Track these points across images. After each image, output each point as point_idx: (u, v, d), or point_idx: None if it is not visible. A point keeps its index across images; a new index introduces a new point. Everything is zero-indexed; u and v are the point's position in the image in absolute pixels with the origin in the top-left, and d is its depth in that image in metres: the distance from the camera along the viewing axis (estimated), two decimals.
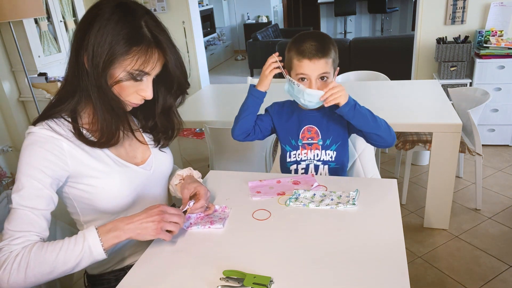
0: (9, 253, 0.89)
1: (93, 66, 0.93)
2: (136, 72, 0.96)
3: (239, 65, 7.32)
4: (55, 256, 0.90)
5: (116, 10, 0.93)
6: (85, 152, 1.01)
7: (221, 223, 1.11)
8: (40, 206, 0.94)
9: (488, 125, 3.15)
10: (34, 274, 0.89)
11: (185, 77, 1.07)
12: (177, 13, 3.97)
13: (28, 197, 0.93)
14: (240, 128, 1.46)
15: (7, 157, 3.26)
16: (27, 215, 0.92)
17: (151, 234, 0.96)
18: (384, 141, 1.34)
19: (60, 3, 3.45)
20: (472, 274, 1.95)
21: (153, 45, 0.96)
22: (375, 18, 7.52)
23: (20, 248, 0.90)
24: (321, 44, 1.31)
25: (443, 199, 2.21)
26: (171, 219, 0.99)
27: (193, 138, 4.04)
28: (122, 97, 1.00)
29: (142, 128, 1.20)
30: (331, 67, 1.33)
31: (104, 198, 1.05)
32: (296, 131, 1.46)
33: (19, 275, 0.88)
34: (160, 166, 1.19)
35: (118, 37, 0.91)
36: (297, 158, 1.47)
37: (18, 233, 0.91)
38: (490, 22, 3.13)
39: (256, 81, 1.29)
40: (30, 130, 0.98)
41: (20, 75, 3.25)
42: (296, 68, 1.33)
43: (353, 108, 1.28)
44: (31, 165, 0.94)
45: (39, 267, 0.89)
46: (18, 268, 0.88)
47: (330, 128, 1.43)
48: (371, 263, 0.92)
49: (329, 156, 1.44)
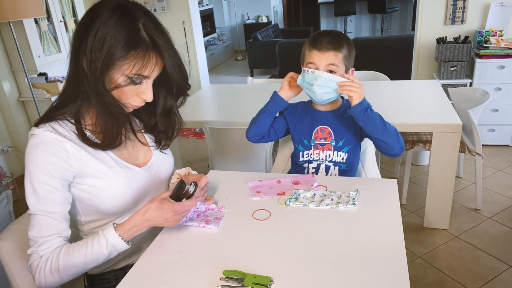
0: (39, 258, 0.96)
1: (91, 70, 0.92)
2: (135, 76, 0.96)
3: (239, 65, 7.32)
4: (83, 257, 0.97)
5: (114, 13, 0.92)
6: (88, 154, 1.02)
7: (216, 225, 1.11)
8: (56, 209, 0.97)
9: (488, 125, 3.15)
10: (67, 274, 0.97)
11: (185, 79, 1.07)
12: (177, 13, 3.97)
13: (44, 201, 0.96)
14: (256, 130, 1.49)
15: (7, 157, 3.26)
16: (46, 220, 0.96)
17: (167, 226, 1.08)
18: (391, 149, 1.34)
19: (60, 3, 3.46)
20: (472, 274, 1.95)
21: (151, 48, 0.95)
22: (375, 18, 7.52)
23: (49, 253, 0.97)
24: (334, 38, 1.33)
25: (443, 199, 2.21)
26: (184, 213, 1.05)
27: (193, 138, 4.04)
28: (122, 100, 1.00)
29: (145, 128, 1.20)
30: (341, 62, 1.33)
31: (106, 199, 1.05)
32: (309, 131, 1.47)
33: (54, 278, 0.96)
34: (161, 167, 1.20)
35: (115, 41, 0.90)
36: (310, 158, 1.47)
37: (41, 239, 0.96)
38: (490, 22, 3.13)
39: (256, 81, 1.31)
40: (33, 132, 0.98)
41: (20, 75, 3.25)
42: (306, 58, 1.36)
43: (364, 111, 1.29)
44: (38, 170, 0.95)
45: (70, 269, 0.97)
46: (51, 271, 0.95)
47: (343, 130, 1.44)
48: (371, 263, 0.92)
49: (341, 158, 1.44)
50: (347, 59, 1.35)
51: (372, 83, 2.82)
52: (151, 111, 1.16)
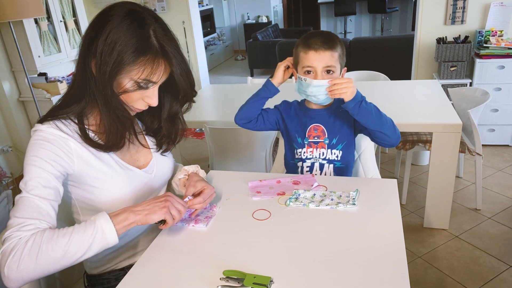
0: (18, 239, 0.86)
1: (100, 73, 0.93)
2: (143, 82, 0.97)
3: (239, 65, 7.31)
4: (67, 239, 0.88)
5: (126, 18, 0.92)
6: (91, 153, 1.02)
7: (205, 223, 1.12)
8: (48, 196, 0.93)
9: (488, 125, 3.15)
10: (46, 259, 0.85)
11: (191, 86, 1.07)
12: (177, 13, 3.97)
13: (37, 186, 0.92)
14: (244, 113, 1.49)
15: (7, 157, 3.26)
16: (36, 203, 0.91)
17: (158, 213, 0.98)
18: (389, 139, 1.34)
19: (60, 3, 3.45)
20: (472, 274, 1.95)
21: (160, 55, 0.95)
22: (375, 18, 7.52)
23: (30, 235, 0.87)
24: (328, 38, 1.32)
25: (443, 199, 2.21)
26: (176, 204, 1.01)
27: (193, 138, 4.04)
28: (128, 103, 1.01)
29: (146, 130, 1.20)
30: (337, 62, 1.33)
31: (105, 200, 1.06)
32: (302, 129, 1.47)
33: (30, 261, 0.84)
34: (161, 169, 1.20)
35: (126, 46, 0.91)
36: (303, 156, 1.47)
37: (28, 220, 0.88)
38: (490, 22, 3.13)
39: (256, 81, 1.31)
40: (37, 128, 0.98)
41: (20, 75, 3.25)
42: (302, 61, 1.34)
43: (359, 105, 1.28)
44: (39, 157, 0.94)
45: (51, 251, 0.86)
46: (29, 253, 0.84)
47: (337, 127, 1.44)
48: (371, 263, 0.92)
49: (335, 155, 1.44)
50: (341, 57, 1.35)
51: (372, 83, 2.82)
52: (155, 114, 1.16)
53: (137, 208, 0.98)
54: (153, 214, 0.97)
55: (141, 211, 0.97)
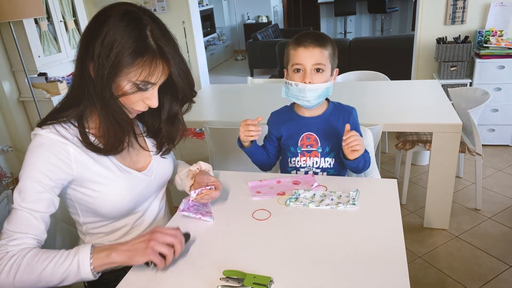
0: (6, 253, 0.90)
1: (98, 76, 0.92)
2: (141, 83, 0.96)
3: (239, 65, 7.32)
4: (44, 267, 0.89)
5: (122, 19, 0.91)
6: (90, 157, 1.02)
7: (211, 218, 1.14)
8: (40, 208, 0.94)
9: (488, 125, 3.15)
10: (22, 280, 0.88)
11: (191, 86, 1.06)
12: (177, 13, 3.97)
13: (29, 199, 0.93)
14: (259, 166, 1.55)
15: (7, 157, 3.26)
16: (27, 217, 0.93)
17: (141, 255, 0.91)
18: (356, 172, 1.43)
19: (60, 3, 3.46)
20: (472, 274, 1.95)
21: (158, 56, 0.94)
22: (375, 18, 7.52)
23: (17, 250, 0.91)
24: (319, 36, 1.32)
25: (443, 199, 2.21)
26: (163, 239, 0.93)
27: (193, 138, 4.04)
28: (127, 105, 1.00)
29: (147, 131, 1.20)
30: (327, 60, 1.31)
31: (105, 203, 1.06)
32: (295, 138, 1.45)
33: (9, 278, 0.88)
34: (160, 172, 1.20)
35: (123, 48, 0.90)
36: (297, 165, 1.46)
37: (16, 234, 0.92)
38: (490, 22, 3.13)
39: (256, 81, 1.30)
40: (37, 132, 0.97)
41: (20, 75, 3.25)
42: (292, 58, 1.33)
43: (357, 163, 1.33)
44: (35, 167, 0.94)
45: (27, 274, 0.88)
46: (9, 270, 0.88)
47: (329, 136, 1.42)
48: (371, 263, 0.92)
49: (328, 164, 1.43)
50: (332, 57, 1.33)
51: (372, 83, 2.82)
52: (156, 114, 1.15)
53: (123, 247, 0.92)
54: (135, 256, 0.91)
55: (125, 252, 0.92)
